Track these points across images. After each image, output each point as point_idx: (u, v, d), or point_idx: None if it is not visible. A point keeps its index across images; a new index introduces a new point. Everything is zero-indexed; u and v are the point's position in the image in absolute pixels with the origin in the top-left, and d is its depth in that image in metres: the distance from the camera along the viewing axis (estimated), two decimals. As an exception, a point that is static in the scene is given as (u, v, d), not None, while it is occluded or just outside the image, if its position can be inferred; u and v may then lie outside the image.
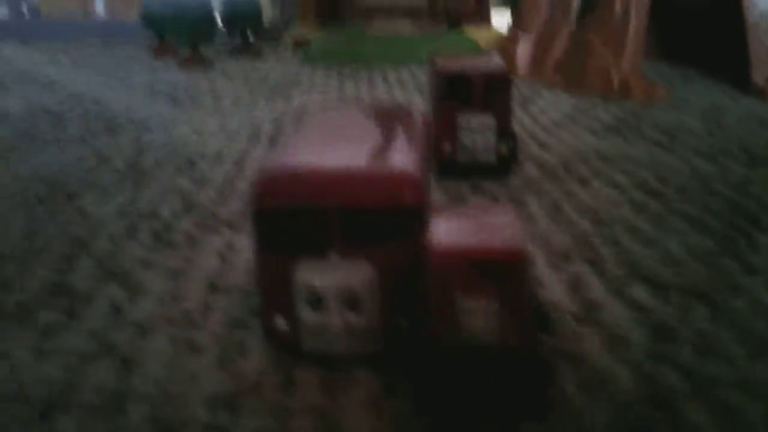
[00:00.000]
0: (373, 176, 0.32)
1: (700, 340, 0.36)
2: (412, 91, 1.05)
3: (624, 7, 0.98)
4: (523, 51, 1.18)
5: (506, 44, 1.21)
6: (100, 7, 1.96)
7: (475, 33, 1.52)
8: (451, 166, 0.61)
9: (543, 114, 0.88)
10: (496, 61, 0.66)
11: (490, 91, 0.60)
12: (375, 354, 0.33)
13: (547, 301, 0.40)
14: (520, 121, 0.83)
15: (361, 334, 0.32)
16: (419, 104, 0.93)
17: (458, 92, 0.60)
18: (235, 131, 0.80)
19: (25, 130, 0.80)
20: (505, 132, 0.62)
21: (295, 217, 0.32)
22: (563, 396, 0.31)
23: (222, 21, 1.40)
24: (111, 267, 0.45)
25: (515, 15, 1.31)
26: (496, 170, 0.62)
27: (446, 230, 0.29)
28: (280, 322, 0.33)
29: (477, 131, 0.60)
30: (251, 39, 1.47)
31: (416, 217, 0.32)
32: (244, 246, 0.48)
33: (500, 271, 0.27)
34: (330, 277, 0.31)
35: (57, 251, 0.47)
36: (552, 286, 0.42)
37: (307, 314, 0.32)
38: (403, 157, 0.34)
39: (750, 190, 0.59)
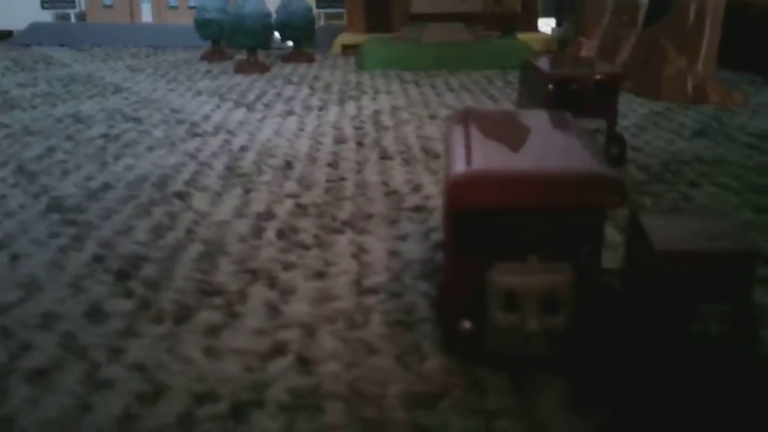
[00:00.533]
0: (578, 177, 0.31)
1: None
2: (479, 96, 1.04)
3: (698, 14, 0.97)
4: (587, 53, 1.18)
5: (569, 49, 1.21)
6: (147, 17, 1.97)
7: (528, 38, 1.51)
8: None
9: (623, 118, 0.87)
10: (597, 62, 0.66)
11: (599, 94, 0.60)
12: (564, 361, 0.33)
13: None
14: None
15: (557, 336, 0.31)
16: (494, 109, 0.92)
17: (568, 97, 0.59)
18: (319, 134, 0.80)
19: (111, 135, 0.80)
20: (613, 134, 0.61)
21: (494, 218, 0.31)
22: None
23: (276, 27, 1.40)
24: (252, 267, 0.44)
25: (576, 21, 1.31)
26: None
27: (662, 231, 0.29)
28: (467, 324, 0.33)
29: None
30: (303, 45, 1.48)
31: (604, 218, 0.31)
32: (374, 247, 0.47)
33: (733, 273, 0.27)
34: (531, 277, 0.31)
35: (193, 252, 0.47)
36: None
37: (499, 316, 0.31)
38: (592, 158, 0.34)
39: None
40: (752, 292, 0.28)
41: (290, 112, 0.93)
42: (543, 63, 0.64)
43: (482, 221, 0.31)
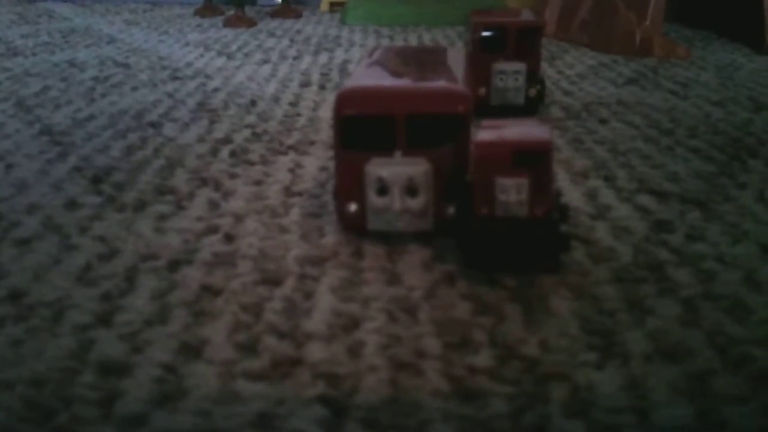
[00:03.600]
0: (433, 90, 0.40)
1: (692, 231, 0.44)
2: (446, 49, 1.12)
3: (648, -29, 1.04)
4: (552, 12, 1.25)
5: (536, 6, 1.28)
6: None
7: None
8: (483, 108, 0.69)
9: (569, 68, 0.95)
10: (527, 14, 0.74)
11: (521, 41, 0.68)
12: (425, 235, 0.42)
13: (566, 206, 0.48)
14: (547, 74, 0.91)
15: (416, 214, 0.40)
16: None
17: (494, 42, 0.68)
18: (287, 79, 0.89)
19: (101, 77, 0.89)
20: (534, 77, 0.69)
21: (369, 122, 0.40)
22: (574, 262, 0.40)
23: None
24: (203, 176, 0.54)
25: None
26: (524, 111, 0.70)
27: (488, 132, 0.37)
28: (353, 207, 0.42)
29: (509, 76, 0.68)
30: (290, 2, 1.55)
31: (464, 123, 0.40)
32: (309, 164, 0.57)
33: (530, 157, 0.35)
34: (396, 168, 0.40)
35: (156, 165, 0.56)
36: (572, 195, 0.50)
37: (374, 199, 0.40)
38: (452, 78, 0.42)
39: (752, 129, 0.66)
40: (553, 172, 0.36)
41: (266, 61, 1.01)
42: (478, 14, 0.72)
43: (361, 126, 0.40)
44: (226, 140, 0.63)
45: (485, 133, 0.38)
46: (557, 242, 0.37)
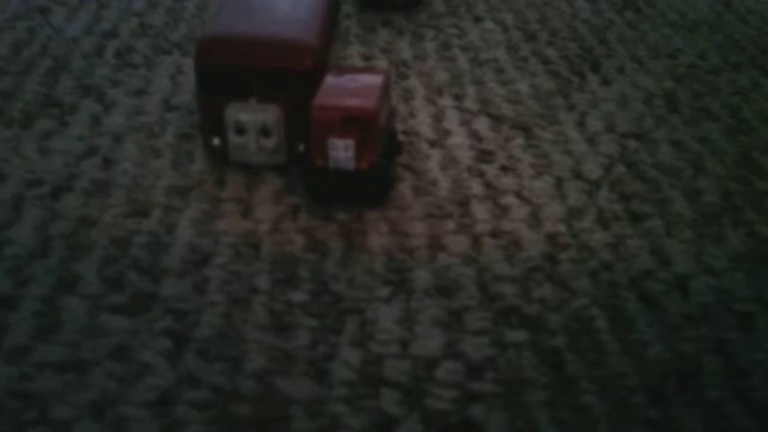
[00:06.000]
0: (283, 44, 0.45)
1: (507, 162, 0.52)
2: None
3: None
4: None
5: None
6: None
7: None
8: (371, 1, 0.73)
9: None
10: None
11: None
12: (281, 166, 0.49)
13: (411, 130, 0.55)
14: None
15: (270, 151, 0.47)
16: None
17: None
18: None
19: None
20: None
21: (227, 72, 0.45)
22: (400, 195, 0.48)
23: None
24: (87, 83, 0.58)
25: None
26: (408, 5, 0.74)
27: (327, 89, 0.43)
28: (216, 141, 0.48)
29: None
30: None
31: (312, 76, 0.46)
32: (189, 69, 0.61)
33: (357, 121, 0.42)
34: (251, 114, 0.46)
35: (42, 68, 0.59)
36: (421, 116, 0.57)
37: (233, 138, 0.47)
38: (307, 29, 0.47)
39: (608, 35, 0.73)
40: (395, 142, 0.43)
41: None
42: None
43: (219, 73, 0.45)
44: (113, 33, 0.65)
45: (326, 90, 0.44)
46: (379, 187, 0.45)
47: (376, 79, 0.46)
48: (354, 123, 0.42)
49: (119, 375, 0.34)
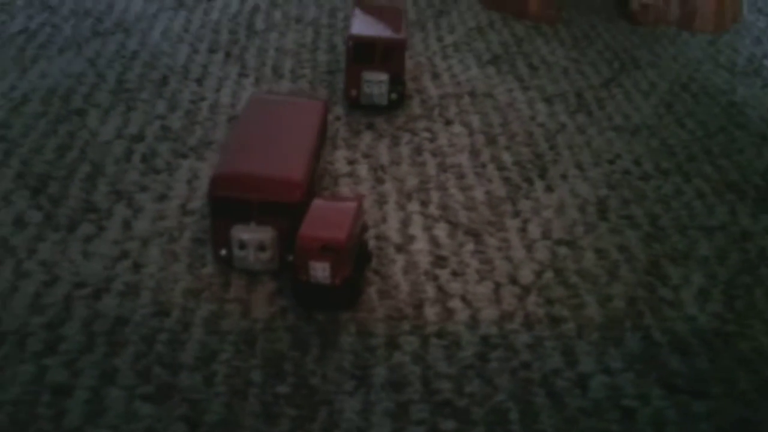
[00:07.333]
0: (277, 181, 0.58)
1: (457, 267, 0.64)
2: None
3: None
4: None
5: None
6: None
7: None
8: (356, 105, 0.86)
9: (449, 33, 1.09)
10: (395, 23, 0.88)
11: (387, 55, 0.83)
12: (274, 271, 0.61)
13: (382, 235, 0.67)
14: (427, 43, 1.05)
15: (266, 262, 0.60)
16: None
17: (364, 55, 0.82)
18: (198, 39, 1.01)
19: (30, 29, 1.00)
20: (396, 81, 0.85)
21: (232, 201, 0.58)
22: (368, 298, 0.60)
23: None
24: (119, 189, 0.70)
25: None
26: (388, 108, 0.87)
27: (310, 221, 0.56)
28: (223, 252, 0.60)
29: (374, 84, 0.84)
30: None
31: (299, 206, 0.58)
32: (203, 175, 0.73)
33: (331, 250, 0.55)
34: (250, 234, 0.58)
35: (82, 173, 0.72)
36: (391, 222, 0.69)
37: (237, 252, 0.59)
38: (296, 167, 0.60)
39: (558, 140, 0.85)
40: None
41: (181, 4, 1.11)
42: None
43: (227, 202, 0.58)
44: (139, 137, 0.78)
45: (308, 222, 0.56)
46: (350, 297, 0.57)
47: (350, 208, 0.58)
48: (329, 250, 0.55)
49: (149, 453, 0.47)
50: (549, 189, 0.76)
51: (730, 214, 0.75)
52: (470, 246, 0.67)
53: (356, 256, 0.59)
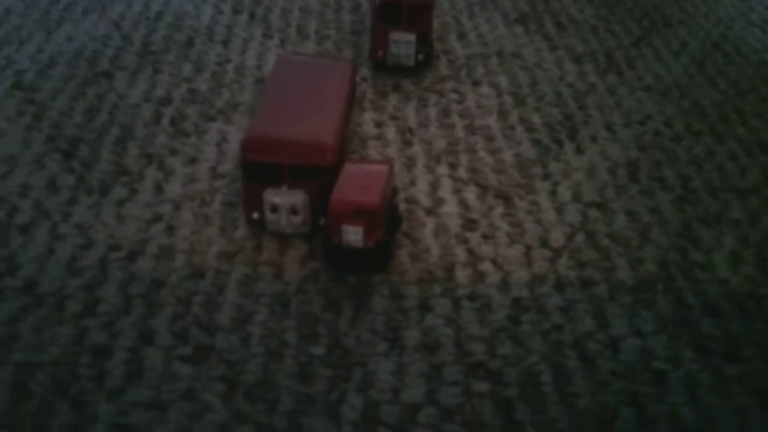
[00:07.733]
0: (309, 144, 0.58)
1: (487, 230, 0.64)
2: None
3: None
4: None
5: None
6: None
7: None
8: (382, 66, 0.85)
9: (475, -9, 1.07)
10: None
11: (414, 15, 0.81)
12: (306, 234, 0.61)
13: (412, 198, 0.67)
14: (444, 6, 1.03)
15: (298, 225, 0.60)
16: None
17: (391, 15, 0.81)
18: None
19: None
20: (423, 41, 0.84)
21: (264, 165, 0.58)
22: (399, 262, 0.60)
23: None
24: (150, 152, 0.70)
25: None
26: (415, 69, 0.86)
27: (342, 185, 0.56)
28: (255, 215, 0.61)
29: (402, 44, 0.83)
30: None
31: (331, 169, 0.58)
32: (232, 138, 0.73)
33: (364, 214, 0.55)
34: (283, 197, 0.58)
35: (112, 136, 0.72)
36: (420, 185, 0.69)
37: (269, 215, 0.59)
38: (328, 129, 0.59)
39: (588, 101, 0.84)
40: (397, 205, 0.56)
41: (205, -38, 1.10)
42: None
43: (259, 166, 0.58)
44: (167, 100, 0.78)
45: (341, 185, 0.56)
46: (382, 260, 0.58)
47: (382, 172, 0.58)
48: (362, 213, 0.55)
49: (189, 412, 0.48)
50: (579, 151, 0.75)
51: (763, 176, 0.74)
52: (500, 209, 0.67)
53: (387, 220, 0.59)
